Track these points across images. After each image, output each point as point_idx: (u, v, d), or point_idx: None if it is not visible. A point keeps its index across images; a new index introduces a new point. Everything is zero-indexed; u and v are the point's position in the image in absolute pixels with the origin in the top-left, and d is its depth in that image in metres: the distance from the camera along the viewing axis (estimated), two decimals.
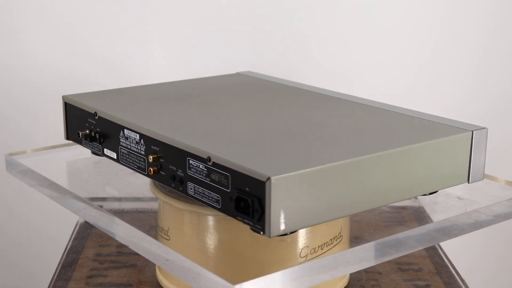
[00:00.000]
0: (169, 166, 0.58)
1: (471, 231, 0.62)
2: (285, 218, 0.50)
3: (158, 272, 0.70)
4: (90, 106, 0.67)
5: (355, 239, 0.70)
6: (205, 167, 0.54)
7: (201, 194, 0.55)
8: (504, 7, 1.18)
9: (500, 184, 0.69)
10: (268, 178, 0.49)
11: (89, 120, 0.67)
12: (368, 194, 0.55)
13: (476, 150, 0.61)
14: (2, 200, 1.20)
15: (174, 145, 0.57)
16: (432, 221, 0.72)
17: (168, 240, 0.65)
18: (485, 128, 0.61)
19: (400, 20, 1.18)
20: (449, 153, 0.59)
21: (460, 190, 0.69)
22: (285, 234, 0.51)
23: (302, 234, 0.62)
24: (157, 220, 0.68)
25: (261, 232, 0.50)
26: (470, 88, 1.21)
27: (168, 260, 0.55)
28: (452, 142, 0.59)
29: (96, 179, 0.77)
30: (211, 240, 0.62)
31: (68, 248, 0.79)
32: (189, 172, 0.56)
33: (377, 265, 0.71)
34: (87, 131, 0.67)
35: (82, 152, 0.76)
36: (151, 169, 0.59)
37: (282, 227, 0.50)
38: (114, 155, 0.65)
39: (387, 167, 0.55)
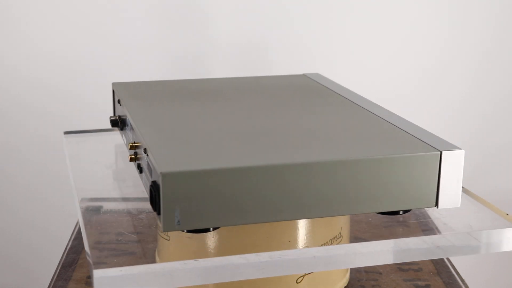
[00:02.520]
0: (137, 155, 0.61)
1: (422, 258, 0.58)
2: (181, 214, 0.50)
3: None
4: (119, 93, 0.73)
5: (355, 239, 0.70)
6: (146, 158, 0.56)
7: (145, 186, 0.57)
8: (507, 10, 1.18)
9: (492, 213, 0.65)
10: (162, 173, 0.49)
11: (118, 106, 0.73)
12: (290, 203, 0.52)
13: (447, 173, 0.55)
14: (2, 200, 1.20)
15: (139, 136, 0.59)
16: (432, 222, 0.72)
17: (168, 240, 0.65)
18: (460, 149, 0.55)
19: (403, 22, 1.18)
20: (407, 172, 0.54)
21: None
22: (198, 231, 0.52)
23: (302, 234, 0.62)
24: (157, 220, 0.68)
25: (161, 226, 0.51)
26: (470, 89, 1.21)
27: None
28: (413, 160, 0.54)
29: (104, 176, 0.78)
30: (211, 241, 0.62)
31: (68, 248, 0.79)
32: (143, 164, 0.58)
33: (378, 265, 0.71)
34: (115, 117, 0.73)
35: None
36: (129, 156, 0.62)
37: (177, 223, 0.50)
38: (124, 141, 0.70)
39: (316, 177, 0.52)
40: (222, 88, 0.75)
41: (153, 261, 0.65)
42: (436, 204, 0.56)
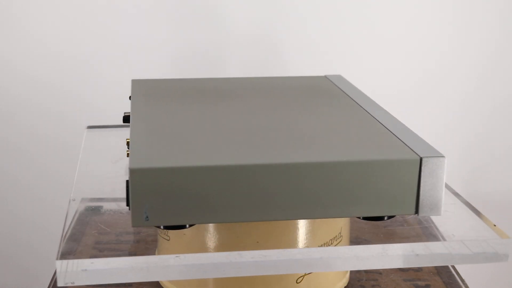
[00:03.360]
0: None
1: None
2: (149, 210, 0.51)
3: None
4: (133, 90, 0.74)
5: (355, 239, 0.70)
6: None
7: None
8: (510, 10, 1.18)
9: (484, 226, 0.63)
10: (130, 169, 0.50)
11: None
12: (258, 204, 0.52)
13: (427, 180, 0.54)
14: (2, 199, 1.20)
15: (130, 131, 0.60)
16: (432, 222, 0.72)
17: (168, 240, 0.65)
18: (441, 156, 0.54)
19: (404, 23, 1.18)
20: (385, 176, 0.53)
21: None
22: (170, 228, 0.53)
23: (302, 234, 0.62)
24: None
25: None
26: (474, 90, 1.21)
27: None
28: (391, 165, 0.53)
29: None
30: (211, 240, 0.62)
31: None
32: None
33: None
34: (128, 113, 0.71)
35: None
36: (127, 152, 0.61)
37: (146, 218, 0.51)
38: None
39: (285, 178, 0.52)
40: (235, 88, 0.76)
41: None
42: (417, 212, 0.54)
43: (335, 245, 0.64)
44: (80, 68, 1.16)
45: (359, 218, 0.55)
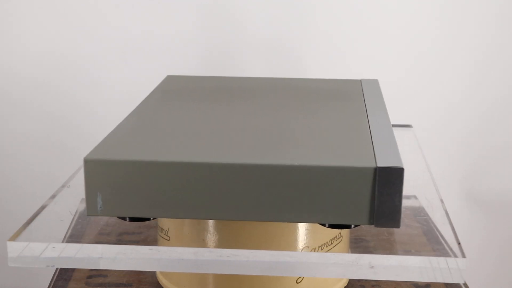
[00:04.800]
0: None
1: None
2: (103, 201, 0.53)
3: (158, 272, 0.70)
4: (159, 85, 0.76)
5: (355, 240, 0.71)
6: None
7: None
8: (506, 6, 1.18)
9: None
10: (84, 159, 0.53)
11: None
12: (205, 202, 0.53)
13: (383, 190, 0.51)
14: (2, 200, 1.20)
15: (118, 124, 0.63)
16: (432, 222, 0.72)
17: (168, 240, 0.65)
18: (399, 166, 0.51)
19: (398, 16, 1.18)
20: (338, 184, 0.52)
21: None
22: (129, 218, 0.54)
23: (302, 234, 0.62)
24: (157, 220, 0.68)
25: None
26: (469, 85, 1.21)
27: None
28: (343, 173, 0.52)
29: None
30: (211, 241, 0.62)
31: None
32: None
33: None
34: None
35: None
36: None
37: (99, 208, 0.54)
38: None
39: (232, 179, 0.52)
40: (257, 87, 0.76)
41: None
42: (372, 222, 0.52)
43: (335, 245, 0.64)
44: (81, 69, 1.16)
45: (323, 225, 0.54)
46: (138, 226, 0.77)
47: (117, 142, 0.57)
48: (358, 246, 0.72)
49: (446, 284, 0.72)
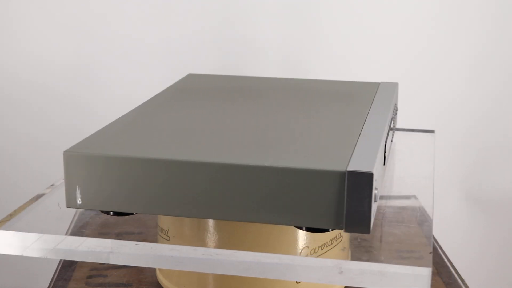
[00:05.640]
0: None
1: None
2: (81, 194, 0.55)
3: (158, 272, 0.70)
4: (176, 83, 0.78)
5: (355, 240, 0.70)
6: None
7: None
8: (503, 6, 1.18)
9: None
10: (64, 152, 0.55)
11: None
12: (177, 199, 0.54)
13: (353, 194, 0.50)
14: (2, 201, 1.20)
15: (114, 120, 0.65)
16: (432, 222, 0.72)
17: (168, 240, 0.65)
18: (368, 172, 0.50)
19: (394, 14, 1.18)
20: (308, 187, 0.51)
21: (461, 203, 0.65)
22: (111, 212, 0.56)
23: (302, 234, 0.62)
24: (157, 220, 0.68)
25: None
26: (469, 85, 1.21)
27: None
28: (313, 175, 0.51)
29: None
30: (211, 241, 0.62)
31: None
32: None
33: None
34: None
35: None
36: None
37: (79, 202, 0.55)
38: None
39: (211, 178, 0.53)
40: (271, 88, 0.76)
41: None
42: (342, 227, 0.51)
43: (335, 245, 0.64)
44: (83, 71, 1.16)
45: (300, 228, 0.54)
46: (138, 226, 0.77)
47: (101, 137, 0.58)
48: (358, 246, 0.72)
49: (446, 284, 0.72)
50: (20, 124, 1.17)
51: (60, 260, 0.77)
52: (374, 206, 0.52)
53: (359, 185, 0.50)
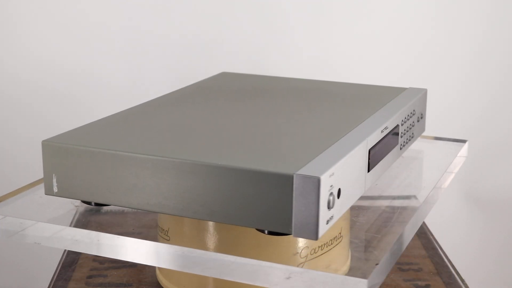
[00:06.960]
0: None
1: None
2: (58, 182, 0.57)
3: (158, 272, 0.70)
4: (203, 80, 0.79)
5: (355, 240, 0.70)
6: None
7: None
8: (500, 5, 1.18)
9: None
10: (42, 141, 0.57)
11: None
12: (147, 195, 0.55)
13: (300, 199, 0.49)
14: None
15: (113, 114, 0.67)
16: (433, 235, 0.72)
17: (168, 240, 0.65)
18: (315, 177, 0.49)
19: (394, 14, 1.18)
20: (257, 189, 0.51)
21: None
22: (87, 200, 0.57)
23: None
24: (157, 220, 0.68)
25: None
26: (469, 85, 1.21)
27: None
28: (262, 177, 0.51)
29: None
30: (211, 241, 0.62)
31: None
32: None
33: None
34: None
35: None
36: None
37: (55, 189, 0.58)
38: None
39: (175, 175, 0.54)
40: (290, 90, 0.76)
41: None
42: (290, 231, 0.50)
43: (335, 246, 0.64)
44: (83, 71, 1.16)
45: (262, 231, 0.53)
46: (138, 226, 0.77)
47: (84, 130, 0.61)
48: (359, 246, 0.72)
49: (446, 284, 0.72)
50: (20, 124, 1.17)
51: (60, 260, 0.77)
52: (329, 212, 0.51)
53: (306, 189, 0.49)
